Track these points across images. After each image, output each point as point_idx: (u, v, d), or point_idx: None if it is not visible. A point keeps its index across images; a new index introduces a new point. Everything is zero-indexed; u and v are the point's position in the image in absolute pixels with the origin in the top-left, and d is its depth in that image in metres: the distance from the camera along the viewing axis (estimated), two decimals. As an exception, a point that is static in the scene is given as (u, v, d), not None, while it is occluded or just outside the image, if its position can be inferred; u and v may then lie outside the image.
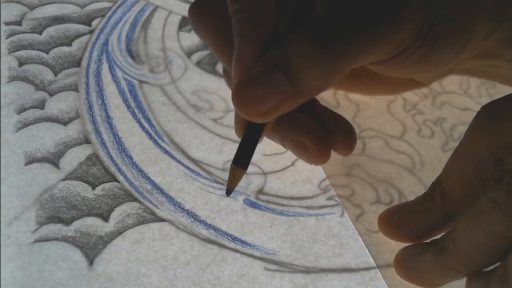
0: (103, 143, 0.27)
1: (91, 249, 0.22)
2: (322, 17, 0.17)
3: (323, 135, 0.20)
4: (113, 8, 0.36)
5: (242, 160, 0.19)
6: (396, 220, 0.22)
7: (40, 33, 0.34)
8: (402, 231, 0.22)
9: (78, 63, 0.32)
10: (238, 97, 0.16)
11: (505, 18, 0.19)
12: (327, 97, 0.31)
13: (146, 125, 0.28)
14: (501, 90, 0.32)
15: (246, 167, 0.19)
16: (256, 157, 0.27)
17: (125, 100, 0.30)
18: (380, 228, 0.23)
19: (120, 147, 0.27)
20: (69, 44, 0.33)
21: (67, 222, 0.23)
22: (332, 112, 0.22)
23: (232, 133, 0.28)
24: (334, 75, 0.16)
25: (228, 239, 0.23)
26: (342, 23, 0.16)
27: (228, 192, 0.20)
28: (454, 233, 0.18)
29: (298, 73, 0.16)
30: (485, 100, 0.32)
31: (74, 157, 0.26)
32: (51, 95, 0.29)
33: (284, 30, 0.18)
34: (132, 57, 0.32)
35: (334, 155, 0.27)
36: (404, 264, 0.21)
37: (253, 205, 0.25)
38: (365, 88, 0.28)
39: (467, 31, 0.19)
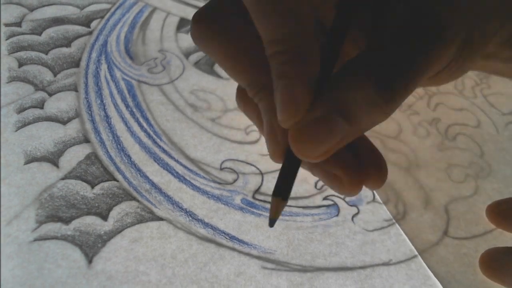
0: (102, 142, 0.27)
1: (90, 247, 0.23)
2: (379, 57, 0.16)
3: (357, 167, 0.20)
4: (112, 10, 0.36)
5: (283, 191, 0.19)
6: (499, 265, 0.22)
7: (40, 34, 0.34)
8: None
9: (77, 64, 0.32)
10: (297, 141, 0.16)
11: (505, 21, 0.19)
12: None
13: (144, 124, 0.28)
14: (495, 91, 0.33)
15: (287, 199, 0.19)
16: (253, 157, 0.27)
17: (123, 99, 0.30)
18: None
19: (118, 146, 0.27)
20: (68, 45, 0.33)
21: (67, 221, 0.24)
22: (366, 141, 0.21)
23: (230, 133, 0.29)
24: (393, 112, 0.16)
25: (226, 238, 0.24)
26: (400, 64, 0.16)
27: (271, 223, 0.19)
28: None
29: (360, 118, 0.16)
30: (480, 100, 0.32)
31: (73, 156, 0.26)
32: (50, 95, 0.30)
33: (326, 68, 0.17)
34: (131, 58, 0.33)
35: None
36: (490, 266, 0.22)
37: (250, 205, 0.25)
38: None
39: (487, 36, 0.19)
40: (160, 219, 0.24)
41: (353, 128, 0.16)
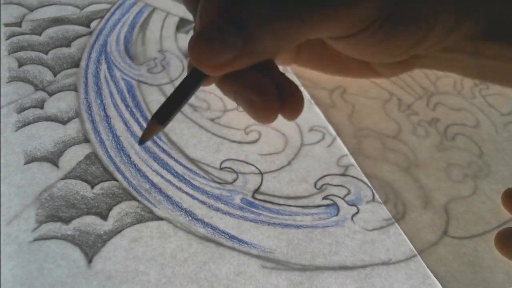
0: (101, 142, 0.27)
1: (90, 247, 0.23)
2: None
3: (273, 95, 0.20)
4: (112, 10, 0.36)
5: (163, 115, 0.19)
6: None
7: (40, 34, 0.34)
8: None
9: (77, 64, 0.32)
10: (194, 47, 0.17)
11: (468, 14, 0.20)
12: (323, 97, 0.31)
13: (144, 124, 0.29)
14: (494, 91, 0.33)
15: (165, 124, 0.19)
16: (252, 156, 0.27)
17: (123, 99, 0.30)
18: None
19: (118, 146, 0.27)
20: (68, 45, 0.33)
21: (67, 220, 0.24)
22: (287, 79, 0.22)
23: (230, 133, 0.29)
24: (286, 41, 0.17)
25: (225, 237, 0.24)
26: None
27: (141, 142, 0.20)
28: None
29: (251, 33, 0.17)
30: (479, 101, 0.32)
31: (73, 156, 0.26)
32: (50, 95, 0.30)
33: None
34: (131, 58, 0.33)
35: (331, 156, 0.28)
36: (505, 242, 0.23)
37: (250, 204, 0.25)
38: (323, 67, 0.28)
39: (428, 22, 0.19)
40: (159, 218, 0.24)
41: (246, 46, 0.17)
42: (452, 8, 0.20)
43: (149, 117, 0.29)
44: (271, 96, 0.20)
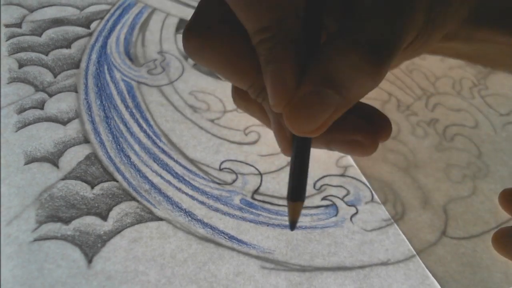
0: (101, 142, 0.27)
1: (90, 247, 0.23)
2: (360, 27, 0.17)
3: (371, 128, 0.21)
4: (112, 11, 0.36)
5: (296, 193, 0.18)
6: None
7: (40, 35, 0.34)
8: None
9: (77, 65, 0.32)
10: (293, 118, 0.16)
11: (463, 1, 0.20)
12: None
13: (144, 125, 0.29)
14: (493, 91, 0.33)
15: (303, 199, 0.18)
16: (252, 157, 0.28)
17: (123, 100, 0.30)
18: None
19: (118, 146, 0.27)
20: (68, 46, 0.33)
21: (66, 221, 0.24)
22: (369, 106, 0.22)
23: (229, 134, 0.29)
24: (381, 79, 0.17)
25: (225, 237, 0.24)
26: (381, 31, 0.17)
27: (292, 227, 0.18)
28: None
29: (348, 85, 0.16)
30: (478, 101, 0.32)
31: (73, 157, 0.26)
32: (50, 96, 0.30)
33: (307, 41, 0.17)
34: (130, 59, 0.33)
35: (330, 157, 0.28)
36: (502, 241, 0.23)
37: (249, 205, 0.25)
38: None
39: (449, 9, 0.20)
40: (159, 219, 0.24)
41: (344, 97, 0.16)
42: None
43: (149, 118, 0.29)
44: (370, 131, 0.20)
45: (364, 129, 0.21)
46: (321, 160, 0.28)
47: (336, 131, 0.20)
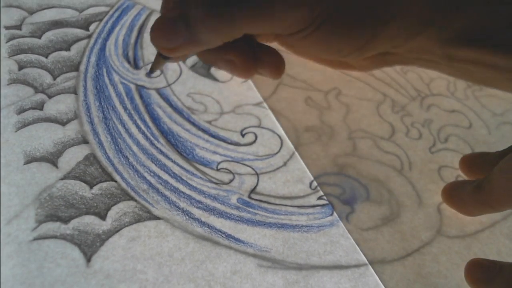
0: (100, 143, 0.28)
1: (89, 246, 0.23)
2: None
3: (248, 53, 0.24)
4: (110, 12, 0.37)
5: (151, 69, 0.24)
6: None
7: (40, 37, 0.34)
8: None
9: (76, 68, 0.32)
10: (152, 32, 0.21)
11: (435, 19, 0.21)
12: (319, 99, 0.31)
13: (142, 126, 0.29)
14: (487, 93, 0.33)
15: (166, 58, 0.24)
16: (248, 158, 0.28)
17: (122, 102, 0.30)
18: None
19: (117, 147, 0.28)
20: (67, 48, 0.34)
21: (66, 220, 0.24)
22: (266, 46, 0.26)
23: (226, 134, 0.29)
24: (222, 35, 0.21)
25: (222, 236, 0.24)
26: None
27: (150, 73, 0.26)
28: (490, 178, 0.23)
29: (193, 27, 0.20)
30: (472, 102, 0.33)
31: (72, 157, 0.27)
32: (50, 97, 0.30)
33: None
34: (129, 62, 0.33)
35: (326, 157, 0.28)
36: (449, 193, 0.26)
37: (246, 204, 0.26)
38: (298, 52, 0.29)
39: (371, 29, 0.21)
40: (157, 218, 0.24)
41: (191, 36, 0.21)
42: (410, 14, 0.21)
43: (147, 119, 0.29)
44: (247, 54, 0.24)
45: (239, 52, 0.24)
46: (317, 159, 0.28)
47: (220, 49, 0.24)
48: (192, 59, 0.34)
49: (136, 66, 0.33)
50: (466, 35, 0.21)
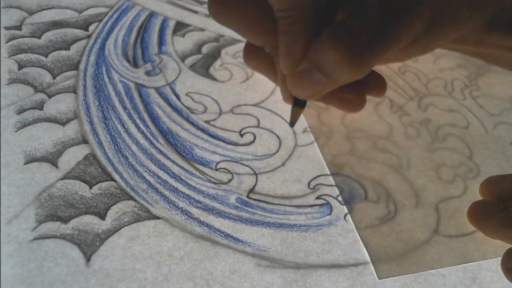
0: (100, 143, 0.28)
1: (88, 246, 0.23)
2: (351, 23, 0.20)
3: (361, 86, 0.25)
4: (110, 13, 0.37)
5: (300, 102, 0.24)
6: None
7: (39, 37, 0.34)
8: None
9: (76, 67, 0.32)
10: (291, 85, 0.22)
11: (479, 6, 0.21)
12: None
13: (141, 126, 0.29)
14: (484, 92, 0.33)
15: (304, 107, 0.24)
16: (247, 158, 0.28)
17: (121, 101, 0.30)
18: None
19: (116, 147, 0.28)
20: (67, 48, 0.34)
21: (65, 220, 0.24)
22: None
23: (224, 134, 0.29)
24: (361, 74, 0.21)
25: (221, 236, 0.24)
26: (365, 32, 0.19)
27: (292, 124, 0.25)
28: None
29: (332, 73, 0.20)
30: (469, 102, 0.33)
31: (72, 157, 0.27)
32: (49, 97, 0.30)
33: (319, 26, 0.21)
34: (128, 61, 0.33)
35: (325, 156, 0.28)
36: (475, 215, 0.25)
37: (245, 204, 0.26)
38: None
39: (459, 18, 0.21)
40: (156, 217, 0.25)
41: (329, 79, 0.20)
42: (465, 1, 0.21)
43: (147, 119, 0.29)
44: (359, 88, 0.24)
45: (352, 87, 0.24)
46: (315, 160, 0.28)
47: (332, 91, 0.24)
48: (192, 59, 0.34)
49: (135, 64, 0.33)
50: (498, 21, 0.22)
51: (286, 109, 0.30)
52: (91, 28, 0.36)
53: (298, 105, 0.24)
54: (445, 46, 0.25)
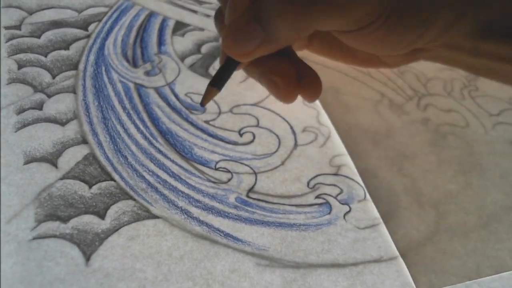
0: (99, 143, 0.28)
1: (88, 245, 0.23)
2: None
3: (292, 77, 0.24)
4: (109, 13, 0.37)
5: (218, 82, 0.23)
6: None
7: (39, 37, 0.34)
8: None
9: (75, 66, 0.32)
10: (226, 39, 0.21)
11: (467, 11, 0.21)
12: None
13: (141, 126, 0.29)
14: (483, 93, 0.34)
15: (220, 88, 0.24)
16: (246, 157, 0.28)
17: (120, 101, 0.30)
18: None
19: (116, 147, 0.28)
20: (66, 48, 0.34)
21: (65, 219, 0.24)
22: (305, 65, 0.25)
23: (224, 134, 0.29)
24: (299, 30, 0.20)
25: (220, 235, 0.24)
26: None
27: (201, 105, 0.24)
28: None
29: (269, 23, 0.20)
30: (468, 102, 0.33)
31: (72, 157, 0.27)
32: (49, 96, 0.30)
33: None
34: (128, 61, 0.33)
35: (323, 156, 0.28)
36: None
37: (244, 203, 0.26)
38: (332, 54, 0.30)
39: (429, 18, 0.21)
40: (156, 217, 0.25)
41: (267, 33, 0.20)
42: (452, 4, 0.21)
43: (146, 119, 0.30)
44: (290, 78, 0.24)
45: (284, 73, 0.24)
46: (315, 159, 0.28)
47: (265, 66, 0.24)
48: (191, 59, 0.34)
49: (134, 64, 0.33)
50: (493, 28, 0.22)
51: (286, 108, 0.30)
52: (91, 28, 0.36)
53: (215, 84, 0.23)
54: (440, 57, 0.25)
